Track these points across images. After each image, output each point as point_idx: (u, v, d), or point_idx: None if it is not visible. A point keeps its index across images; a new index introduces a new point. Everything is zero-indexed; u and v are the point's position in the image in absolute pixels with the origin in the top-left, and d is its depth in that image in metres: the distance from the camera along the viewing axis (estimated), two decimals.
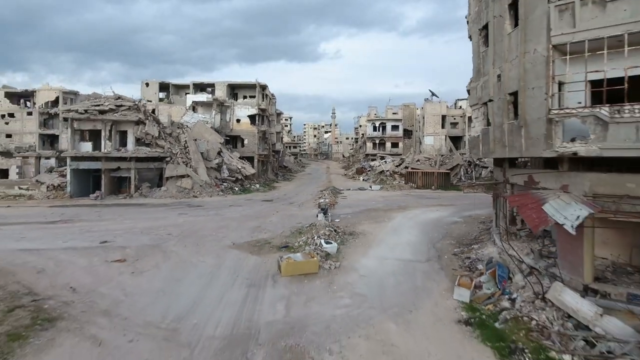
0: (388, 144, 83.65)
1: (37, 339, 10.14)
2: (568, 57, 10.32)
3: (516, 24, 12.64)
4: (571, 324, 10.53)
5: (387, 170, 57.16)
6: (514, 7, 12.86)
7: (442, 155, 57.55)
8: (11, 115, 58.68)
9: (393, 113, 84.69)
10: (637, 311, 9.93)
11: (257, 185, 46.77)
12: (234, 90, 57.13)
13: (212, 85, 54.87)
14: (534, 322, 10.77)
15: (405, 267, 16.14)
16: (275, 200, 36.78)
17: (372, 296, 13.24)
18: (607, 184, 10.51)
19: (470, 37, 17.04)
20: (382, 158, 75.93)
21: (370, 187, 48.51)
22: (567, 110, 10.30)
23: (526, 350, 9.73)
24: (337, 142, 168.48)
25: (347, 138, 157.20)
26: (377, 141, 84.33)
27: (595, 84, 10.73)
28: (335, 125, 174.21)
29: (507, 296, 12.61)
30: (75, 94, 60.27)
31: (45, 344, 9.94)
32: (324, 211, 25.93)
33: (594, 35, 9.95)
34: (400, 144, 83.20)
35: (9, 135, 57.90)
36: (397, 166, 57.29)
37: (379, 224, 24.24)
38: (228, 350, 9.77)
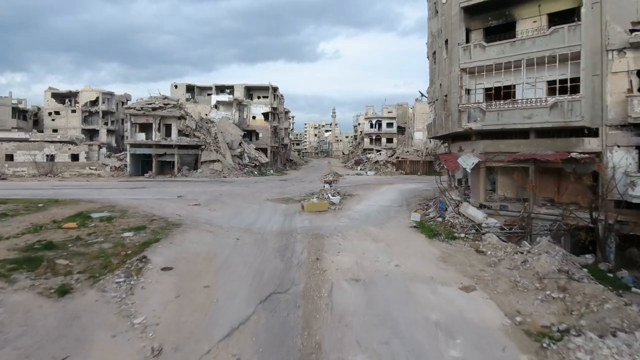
0: (384, 140, 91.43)
1: (174, 230, 18.11)
2: (468, 75, 18.32)
3: (448, 54, 20.60)
4: (470, 224, 18.55)
5: (381, 161, 65.18)
6: (446, 42, 20.82)
7: (427, 148, 65.49)
8: (57, 112, 66.71)
9: (388, 112, 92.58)
10: (503, 213, 17.94)
11: (271, 171, 54.81)
12: (250, 91, 65.12)
13: (231, 87, 62.86)
14: (449, 223, 18.80)
15: (384, 209, 24.18)
16: (289, 180, 44.87)
17: (361, 219, 21.26)
18: (490, 146, 18.51)
19: (427, 57, 25.01)
20: (378, 151, 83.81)
21: (366, 172, 56.51)
22: (468, 105, 18.30)
23: (442, 234, 17.75)
24: (338, 140, 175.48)
25: (346, 137, 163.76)
26: (374, 137, 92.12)
27: (486, 90, 18.72)
28: (336, 124, 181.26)
29: (442, 217, 20.63)
30: (111, 94, 68.24)
31: (180, 231, 17.92)
32: (329, 183, 33.93)
33: (480, 64, 17.91)
34: (395, 140, 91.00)
35: (55, 130, 65.83)
36: (389, 157, 65.33)
37: (370, 191, 32.31)
38: (281, 234, 17.78)
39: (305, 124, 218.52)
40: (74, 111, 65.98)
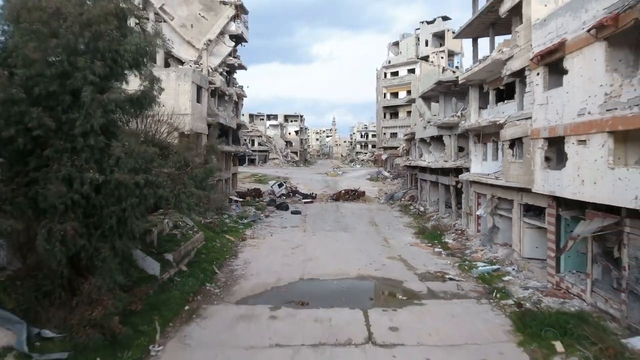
0: (370, 146, 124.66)
1: (290, 179, 51.67)
2: (385, 128, 51.99)
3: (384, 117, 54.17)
4: (384, 177, 52.19)
5: (365, 160, 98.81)
6: (379, 115, 54.24)
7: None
8: None
9: (373, 126, 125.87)
10: (394, 173, 51.69)
11: (301, 165, 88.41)
12: (286, 117, 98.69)
13: (275, 115, 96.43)
14: (378, 177, 52.53)
15: (359, 176, 57.94)
16: (314, 168, 78.57)
17: (350, 177, 55.02)
18: (391, 152, 52.41)
19: (376, 116, 58.37)
20: (365, 154, 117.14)
21: (356, 166, 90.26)
22: (383, 137, 51.86)
23: (375, 180, 51.43)
24: (337, 144, 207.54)
25: (344, 141, 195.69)
26: (363, 144, 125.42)
27: (390, 133, 52.35)
28: (335, 130, 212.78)
29: (378, 176, 54.31)
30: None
31: (292, 178, 51.47)
32: (337, 168, 67.59)
33: (388, 125, 51.41)
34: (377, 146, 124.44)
35: None
36: (371, 157, 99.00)
37: (355, 171, 66.26)
38: (323, 180, 51.58)
39: (308, 129, 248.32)
40: None
